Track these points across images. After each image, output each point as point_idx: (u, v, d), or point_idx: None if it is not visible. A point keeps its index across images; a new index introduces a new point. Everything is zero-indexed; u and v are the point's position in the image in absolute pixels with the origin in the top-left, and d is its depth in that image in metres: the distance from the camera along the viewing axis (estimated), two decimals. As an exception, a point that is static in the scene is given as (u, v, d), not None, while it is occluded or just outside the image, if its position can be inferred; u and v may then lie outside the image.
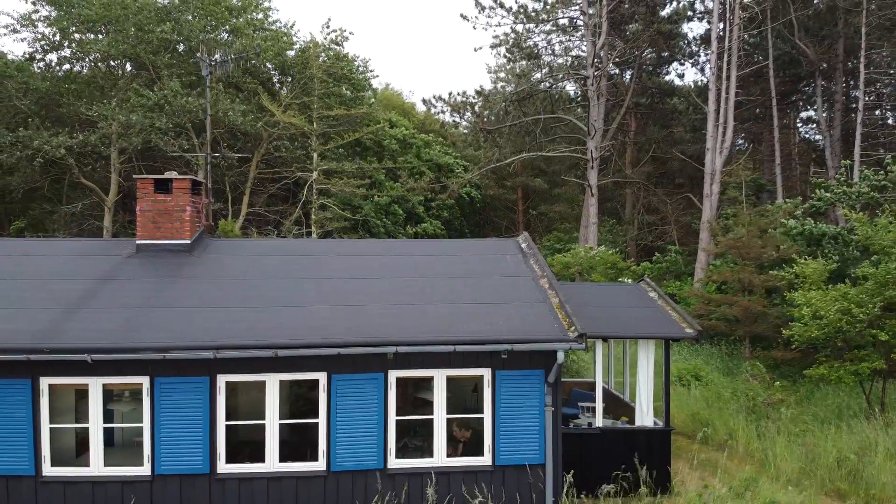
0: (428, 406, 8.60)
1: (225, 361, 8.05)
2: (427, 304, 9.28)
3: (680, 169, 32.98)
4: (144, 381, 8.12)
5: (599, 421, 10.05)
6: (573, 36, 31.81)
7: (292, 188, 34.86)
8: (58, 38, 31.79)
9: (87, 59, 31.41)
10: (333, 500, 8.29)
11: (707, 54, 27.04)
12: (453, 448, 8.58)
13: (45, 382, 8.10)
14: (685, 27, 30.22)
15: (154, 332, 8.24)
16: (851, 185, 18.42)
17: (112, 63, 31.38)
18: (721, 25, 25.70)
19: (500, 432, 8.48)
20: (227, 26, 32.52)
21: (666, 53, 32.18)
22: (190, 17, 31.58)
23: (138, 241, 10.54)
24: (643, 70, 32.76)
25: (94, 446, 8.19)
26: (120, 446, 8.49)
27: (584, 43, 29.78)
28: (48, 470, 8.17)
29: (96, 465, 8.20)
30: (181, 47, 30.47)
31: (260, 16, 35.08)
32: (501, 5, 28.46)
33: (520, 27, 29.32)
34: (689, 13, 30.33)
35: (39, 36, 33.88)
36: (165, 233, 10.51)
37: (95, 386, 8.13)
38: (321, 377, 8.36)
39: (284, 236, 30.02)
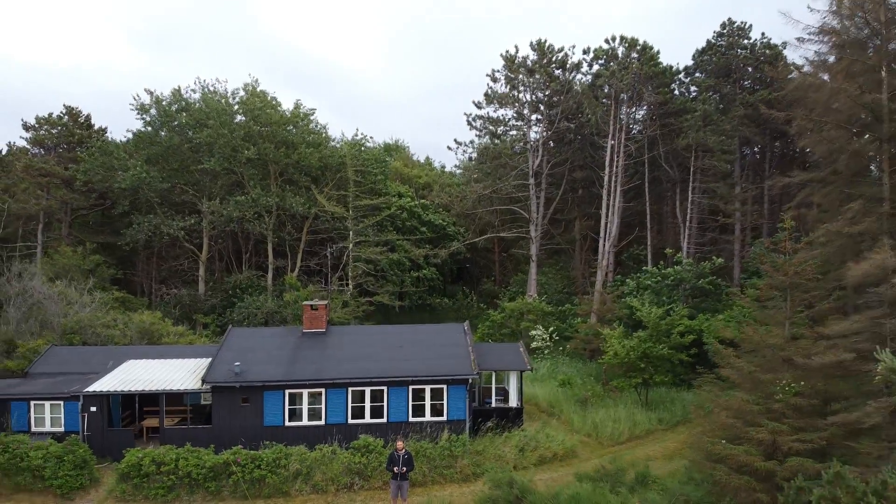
0: (423, 398, 23.27)
1: (352, 382, 22.78)
2: (422, 359, 23.96)
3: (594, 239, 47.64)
4: (323, 390, 22.85)
5: (493, 403, 24.81)
6: (526, 146, 46.48)
7: (331, 249, 49.62)
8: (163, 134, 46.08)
9: (191, 168, 45.91)
10: (389, 433, 22.95)
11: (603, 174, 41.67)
12: (432, 414, 23.27)
13: (286, 392, 22.82)
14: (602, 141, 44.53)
15: (325, 372, 22.93)
16: (655, 276, 33.21)
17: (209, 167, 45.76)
18: (612, 156, 40.30)
19: (449, 407, 23.19)
20: (284, 135, 46.88)
21: (587, 160, 46.90)
22: (258, 130, 45.93)
23: (304, 330, 25.40)
24: (574, 166, 47.41)
25: (304, 413, 22.89)
26: (311, 414, 23.12)
27: (529, 154, 44.47)
28: (287, 423, 22.88)
29: (304, 420, 22.90)
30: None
31: (302, 123, 49.30)
32: (475, 140, 43.35)
33: (490, 146, 44.11)
34: (603, 140, 44.89)
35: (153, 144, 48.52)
36: (315, 326, 25.32)
37: (304, 392, 22.85)
38: (385, 388, 23.05)
39: (331, 288, 44.81)
